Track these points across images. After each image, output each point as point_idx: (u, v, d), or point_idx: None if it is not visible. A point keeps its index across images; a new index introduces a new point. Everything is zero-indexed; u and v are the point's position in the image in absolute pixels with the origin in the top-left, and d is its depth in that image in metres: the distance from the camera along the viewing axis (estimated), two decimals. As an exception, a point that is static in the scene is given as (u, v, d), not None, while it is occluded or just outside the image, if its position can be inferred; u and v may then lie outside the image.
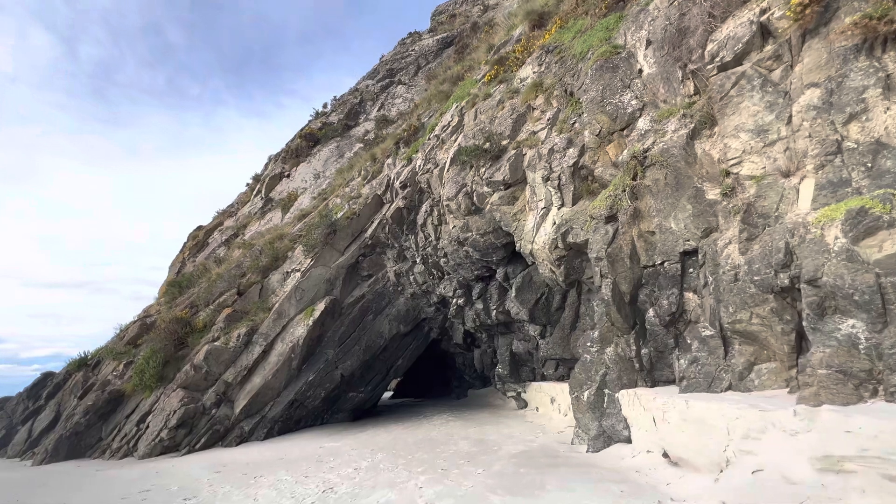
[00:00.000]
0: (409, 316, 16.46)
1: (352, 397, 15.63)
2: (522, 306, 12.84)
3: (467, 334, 17.14)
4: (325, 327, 14.80)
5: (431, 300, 16.10)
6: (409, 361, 17.31)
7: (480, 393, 19.87)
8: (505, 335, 15.20)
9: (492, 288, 14.05)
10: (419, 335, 17.40)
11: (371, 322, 15.69)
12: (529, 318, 12.81)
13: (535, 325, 13.24)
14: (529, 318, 12.83)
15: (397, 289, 16.21)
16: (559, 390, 12.96)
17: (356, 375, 15.52)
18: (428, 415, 16.37)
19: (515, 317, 13.35)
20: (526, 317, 12.84)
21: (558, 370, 14.01)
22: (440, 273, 14.83)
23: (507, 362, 15.07)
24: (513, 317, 13.62)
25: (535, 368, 15.02)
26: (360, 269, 16.07)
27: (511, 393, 15.82)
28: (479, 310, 14.34)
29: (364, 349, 15.33)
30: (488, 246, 12.17)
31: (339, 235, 15.59)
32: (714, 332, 6.15)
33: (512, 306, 13.47)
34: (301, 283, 14.78)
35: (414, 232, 14.76)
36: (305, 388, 13.84)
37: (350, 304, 15.52)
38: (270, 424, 13.27)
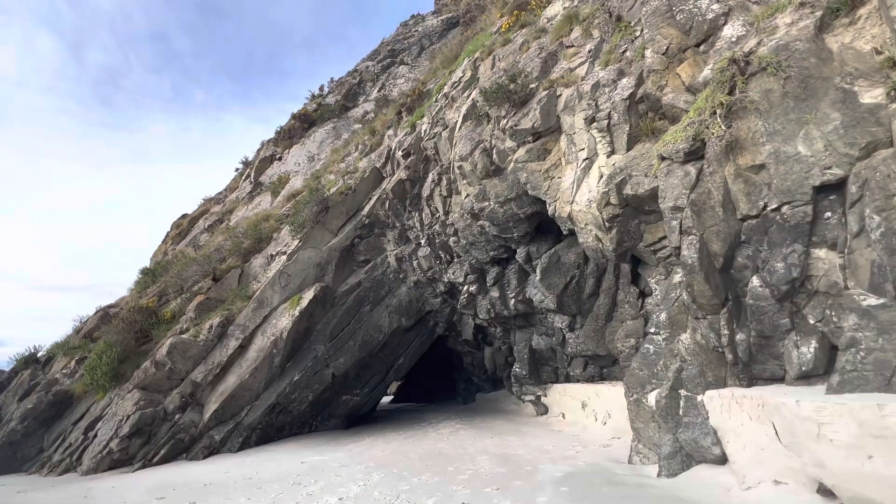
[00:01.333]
0: (411, 308, 14.33)
1: (345, 401, 13.47)
2: (549, 292, 10.72)
3: (478, 330, 14.99)
4: (315, 319, 12.68)
5: (438, 289, 13.98)
6: (411, 360, 15.15)
7: (490, 397, 17.70)
8: (523, 329, 13.06)
9: (510, 272, 11.94)
10: (423, 330, 15.25)
11: (368, 314, 13.57)
12: (557, 306, 10.68)
13: (562, 315, 11.11)
14: (557, 307, 10.70)
15: (398, 276, 14.09)
16: (593, 393, 10.80)
17: (350, 376, 13.36)
18: (433, 421, 14.20)
19: (539, 305, 11.21)
20: (553, 305, 10.70)
21: (588, 369, 11.84)
22: (448, 256, 12.72)
23: (526, 361, 12.91)
24: (535, 306, 11.50)
25: (558, 368, 12.85)
26: (356, 252, 13.96)
27: (529, 396, 13.63)
28: (494, 298, 12.21)
29: (360, 345, 13.20)
30: (509, 218, 10.06)
31: (332, 214, 13.51)
32: (888, 300, 4.02)
33: (535, 293, 11.34)
34: (287, 267, 12.67)
35: (418, 208, 12.67)
36: (290, 390, 11.69)
37: (344, 293, 13.41)
38: (246, 433, 11.12)
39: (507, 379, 16.19)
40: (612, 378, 11.38)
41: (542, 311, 11.93)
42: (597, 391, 10.65)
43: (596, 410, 10.30)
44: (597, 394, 10.64)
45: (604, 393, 10.34)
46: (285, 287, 12.55)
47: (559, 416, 12.22)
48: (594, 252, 8.01)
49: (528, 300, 11.82)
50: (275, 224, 14.14)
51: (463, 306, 12.70)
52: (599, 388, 10.64)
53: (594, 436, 9.29)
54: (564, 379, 12.80)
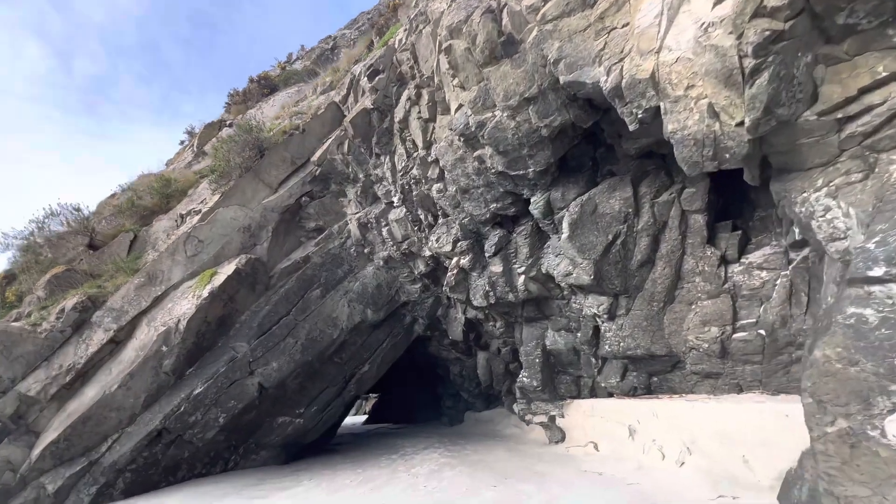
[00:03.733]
0: (380, 296, 10.52)
1: (282, 425, 9.47)
2: (582, 257, 7.09)
3: (470, 327, 11.21)
4: (236, 305, 8.78)
5: (417, 269, 10.23)
6: (380, 368, 11.24)
7: (483, 417, 13.85)
8: (534, 322, 9.36)
9: (518, 236, 8.26)
10: (397, 328, 11.41)
11: (318, 302, 9.70)
12: (594, 280, 7.07)
13: (599, 295, 7.50)
14: (594, 282, 7.08)
15: (363, 250, 10.31)
16: (647, 413, 7.16)
17: (290, 388, 9.41)
18: (408, 452, 10.29)
19: (564, 281, 7.54)
20: (588, 278, 7.08)
21: (628, 378, 8.19)
22: (431, 216, 9.02)
23: (538, 367, 9.19)
24: (557, 283, 7.84)
25: (581, 377, 9.18)
26: (304, 217, 10.16)
27: (539, 417, 9.84)
28: (495, 276, 8.50)
29: (304, 345, 9.29)
30: (523, 138, 6.43)
31: (270, 161, 9.73)
32: None
33: (557, 264, 7.67)
34: (197, 230, 8.79)
35: (389, 149, 9.00)
36: (187, 409, 7.69)
37: (284, 272, 9.55)
38: (107, 478, 7.05)
39: (506, 394, 12.39)
40: (665, 390, 7.74)
41: (565, 294, 8.28)
42: (653, 410, 6.97)
43: (658, 441, 6.56)
44: (654, 414, 6.95)
45: (668, 413, 6.67)
46: (192, 258, 8.64)
47: (587, 445, 8.42)
48: (697, 152, 4.33)
49: (546, 276, 8.15)
50: (193, 177, 10.28)
51: (451, 288, 8.93)
52: (657, 405, 6.97)
53: (669, 486, 5.52)
54: (589, 392, 9.13)
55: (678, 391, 7.47)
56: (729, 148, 3.97)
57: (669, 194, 7.04)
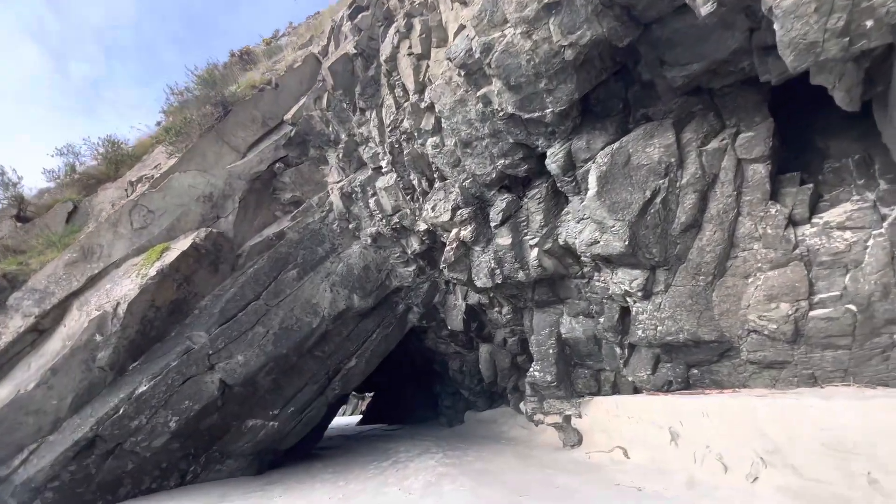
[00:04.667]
0: (368, 279, 9.12)
1: (252, 429, 8.05)
2: (613, 217, 5.73)
3: (471, 315, 9.84)
4: (194, 287, 7.36)
5: (410, 247, 8.83)
6: (369, 363, 9.83)
7: (485, 417, 12.52)
8: (547, 307, 8.01)
9: (531, 202, 6.87)
10: (388, 317, 10.01)
11: (295, 285, 8.29)
12: (629, 246, 5.70)
13: (630, 267, 6.16)
14: (629, 247, 5.71)
15: (347, 226, 8.90)
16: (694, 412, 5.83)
17: (261, 387, 8.00)
18: (401, 459, 8.93)
19: (589, 249, 6.16)
20: (621, 243, 5.72)
21: (661, 370, 6.89)
22: (426, 179, 7.61)
23: (553, 358, 7.85)
24: (579, 252, 6.46)
25: (602, 371, 7.86)
26: (279, 187, 8.74)
27: (551, 417, 8.48)
28: (502, 250, 7.11)
29: (278, 335, 7.89)
30: (543, 64, 5.02)
31: (237, 120, 8.30)
32: None
33: (579, 231, 6.30)
34: (147, 197, 7.36)
35: (375, 102, 7.59)
36: (127, 412, 6.27)
37: (255, 250, 8.14)
38: (22, 499, 5.62)
39: (511, 391, 11.03)
40: (707, 384, 6.42)
41: (586, 271, 6.93)
42: (703, 408, 5.64)
43: (714, 449, 5.20)
44: (704, 413, 5.63)
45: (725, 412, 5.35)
46: (140, 230, 7.21)
47: (612, 451, 7.07)
48: (818, 24, 2.88)
49: (564, 249, 6.77)
50: (149, 142, 8.84)
51: (450, 266, 7.53)
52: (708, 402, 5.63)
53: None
54: (611, 388, 7.83)
55: (726, 385, 6.11)
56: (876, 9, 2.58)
57: (721, 140, 5.68)
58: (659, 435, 6.13)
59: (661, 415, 6.26)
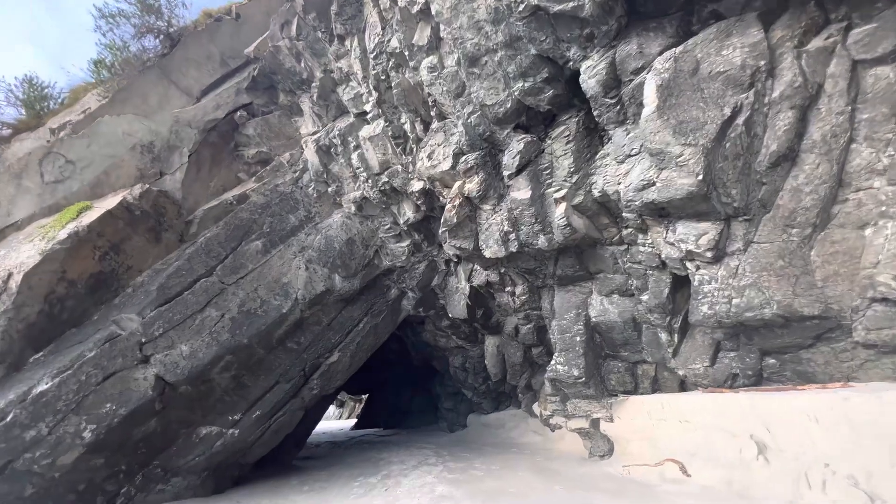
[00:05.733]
0: (352, 255, 7.53)
1: (206, 438, 6.43)
2: (680, 142, 4.13)
3: (477, 299, 8.25)
4: (125, 259, 5.76)
5: (403, 216, 7.25)
6: (355, 358, 8.22)
7: (491, 421, 10.97)
8: (573, 285, 6.45)
9: (556, 141, 5.29)
10: (378, 303, 8.41)
11: (259, 259, 6.70)
12: (703, 181, 4.07)
13: (696, 218, 4.51)
14: (702, 183, 4.09)
15: (325, 188, 7.32)
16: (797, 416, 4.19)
17: (217, 384, 6.39)
18: (393, 472, 7.37)
19: (639, 197, 4.55)
20: (693, 178, 4.09)
21: (722, 361, 5.29)
22: (421, 121, 6.03)
23: (580, 347, 6.29)
24: (625, 203, 4.84)
25: (640, 363, 6.34)
26: (242, 141, 7.15)
27: (575, 421, 6.92)
28: (519, 206, 5.52)
29: (237, 321, 6.29)
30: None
31: (188, 56, 6.73)
32: None
33: (628, 170, 4.70)
34: (65, 144, 5.77)
35: (357, 26, 6.00)
36: (20, 419, 4.67)
37: (208, 216, 6.55)
38: None
39: (523, 390, 9.46)
40: (790, 377, 4.88)
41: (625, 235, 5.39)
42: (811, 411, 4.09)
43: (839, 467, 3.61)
44: (813, 418, 4.11)
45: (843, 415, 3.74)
46: (54, 185, 5.61)
47: (661, 465, 5.50)
48: None
49: (599, 202, 5.20)
50: (83, 88, 7.24)
51: (451, 231, 5.94)
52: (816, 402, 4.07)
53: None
54: (651, 385, 6.32)
55: (820, 378, 4.55)
56: None
57: (826, 38, 4.12)
58: (735, 446, 4.56)
59: (735, 419, 4.71)
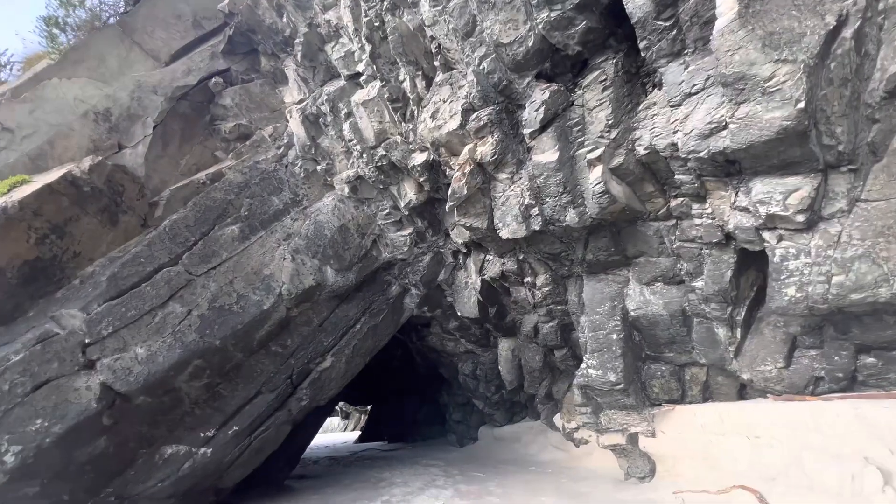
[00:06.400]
0: (346, 245, 6.53)
1: (172, 460, 5.41)
2: (770, 56, 3.10)
3: (490, 296, 7.18)
4: (72, 244, 4.82)
5: (404, 198, 6.25)
6: (351, 363, 7.17)
7: (505, 434, 9.87)
8: (605, 273, 5.39)
9: (589, 89, 4.27)
10: (377, 301, 7.38)
11: (236, 246, 5.73)
12: (802, 114, 2.98)
13: (785, 169, 3.39)
14: (800, 120, 3.00)
15: (314, 167, 6.35)
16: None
17: (186, 395, 5.37)
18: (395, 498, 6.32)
19: (704, 146, 3.47)
20: (789, 109, 3.01)
21: (800, 361, 4.12)
22: (423, 75, 5.06)
23: (618, 346, 5.18)
24: (683, 154, 3.76)
25: (687, 366, 5.20)
26: (218, 114, 6.21)
27: (609, 436, 5.79)
28: (543, 171, 4.48)
29: (208, 319, 5.30)
30: None
31: (155, 14, 5.83)
32: None
33: (693, 112, 3.62)
34: (2, 110, 4.89)
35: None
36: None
37: (176, 198, 5.60)
38: None
39: (543, 400, 8.38)
40: (893, 381, 3.71)
41: (675, 207, 4.34)
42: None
43: None
44: None
45: None
46: (-15, 154, 4.69)
47: (729, 492, 4.34)
48: None
49: (645, 164, 4.15)
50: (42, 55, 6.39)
51: (460, 207, 4.90)
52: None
53: None
54: (702, 391, 5.24)
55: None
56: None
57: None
58: (841, 472, 3.48)
59: (835, 435, 3.63)
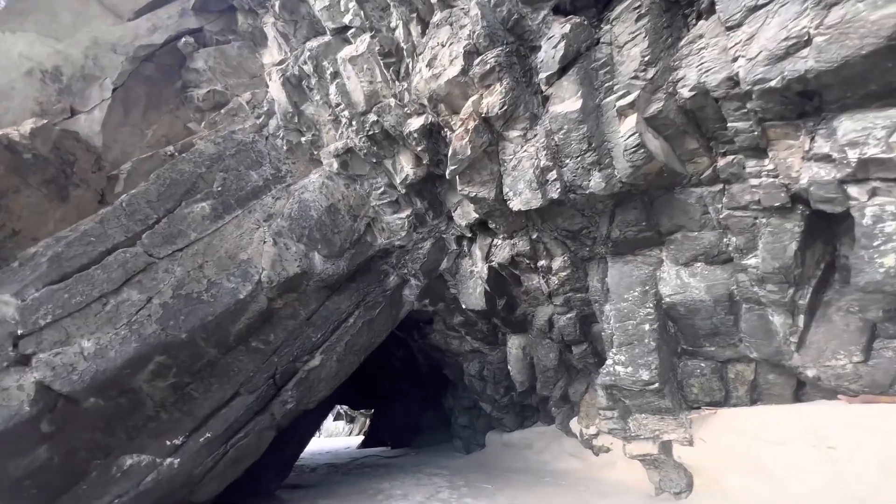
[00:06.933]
0: (336, 229, 5.78)
1: (132, 472, 4.66)
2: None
3: (497, 285, 6.38)
4: (9, 221, 4.13)
5: (399, 173, 5.50)
6: (343, 363, 6.40)
7: (514, 440, 9.04)
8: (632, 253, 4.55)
9: (620, 23, 3.47)
10: (372, 292, 6.62)
11: (207, 227, 5.00)
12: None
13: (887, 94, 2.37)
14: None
15: (297, 139, 5.61)
16: None
17: (148, 397, 4.64)
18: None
19: (780, 69, 2.66)
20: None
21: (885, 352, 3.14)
22: (418, 19, 4.30)
23: (652, 339, 4.32)
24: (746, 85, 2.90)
25: (732, 363, 4.31)
26: (190, 80, 5.51)
27: (637, 445, 4.90)
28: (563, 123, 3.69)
29: (172, 308, 4.57)
30: None
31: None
32: None
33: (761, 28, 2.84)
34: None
35: None
36: None
37: (138, 171, 4.90)
38: None
39: (558, 402, 7.55)
40: None
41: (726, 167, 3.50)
42: None
43: None
44: None
45: None
46: None
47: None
48: None
49: (688, 112, 3.33)
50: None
51: (462, 175, 4.14)
52: None
53: None
54: (749, 392, 4.36)
55: None
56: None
57: None
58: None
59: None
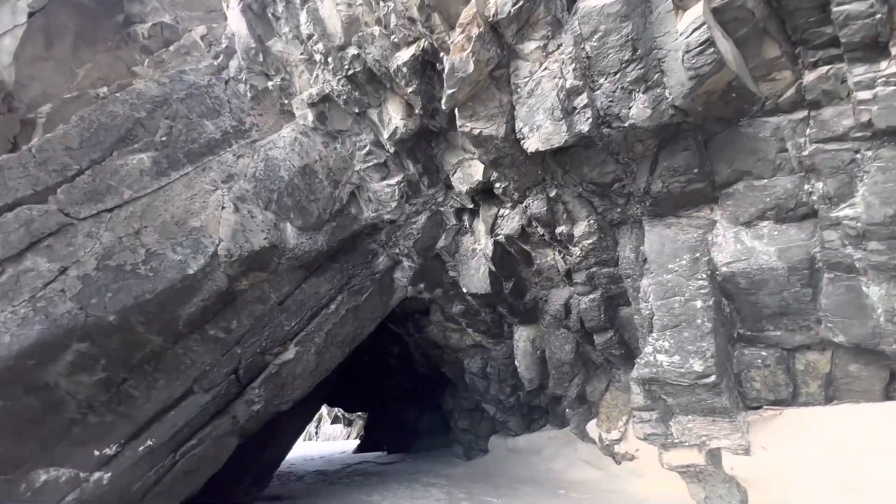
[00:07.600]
0: (313, 195, 4.82)
1: (46, 489, 3.70)
2: None
3: (504, 264, 5.41)
4: None
5: (385, 126, 4.55)
6: (324, 356, 5.44)
7: (521, 446, 8.11)
8: (675, 215, 3.53)
9: None
10: (358, 274, 5.66)
11: (148, 184, 4.05)
12: None
13: None
14: None
15: (263, 82, 4.64)
16: None
17: (69, 396, 3.68)
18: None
19: None
20: None
21: None
22: None
23: (707, 319, 3.28)
24: None
25: (798, 350, 3.18)
26: (133, 12, 4.61)
27: (678, 452, 3.84)
28: (601, 22, 2.73)
29: (93, 283, 3.63)
30: None
31: None
32: None
33: None
34: None
35: None
36: None
37: (63, 114, 3.97)
38: None
39: (572, 403, 6.53)
40: None
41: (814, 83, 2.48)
42: None
43: None
44: None
45: None
46: None
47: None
48: None
49: None
50: None
51: (462, 106, 3.20)
52: None
53: None
54: (823, 387, 3.24)
55: None
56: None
57: None
58: None
59: None
